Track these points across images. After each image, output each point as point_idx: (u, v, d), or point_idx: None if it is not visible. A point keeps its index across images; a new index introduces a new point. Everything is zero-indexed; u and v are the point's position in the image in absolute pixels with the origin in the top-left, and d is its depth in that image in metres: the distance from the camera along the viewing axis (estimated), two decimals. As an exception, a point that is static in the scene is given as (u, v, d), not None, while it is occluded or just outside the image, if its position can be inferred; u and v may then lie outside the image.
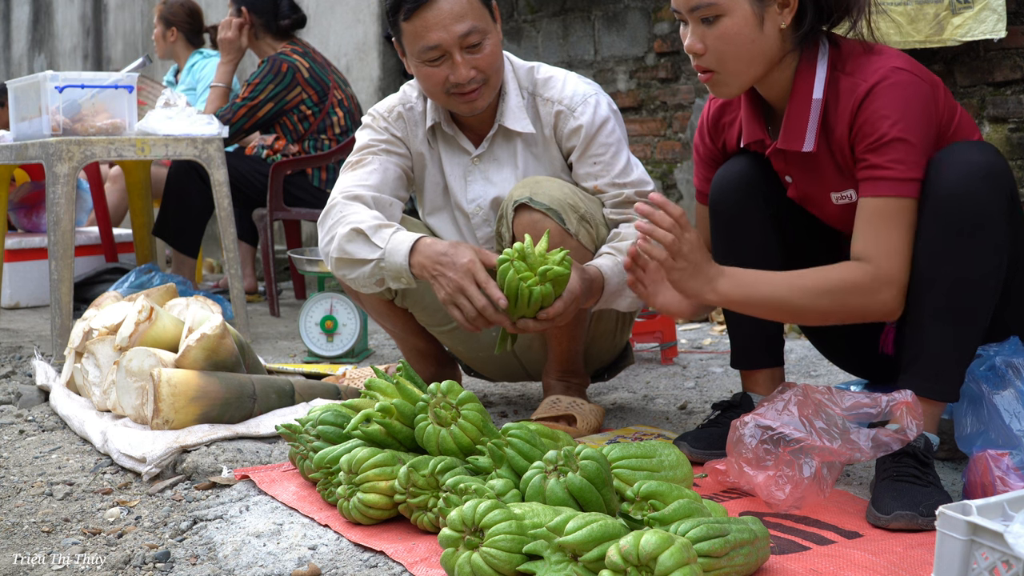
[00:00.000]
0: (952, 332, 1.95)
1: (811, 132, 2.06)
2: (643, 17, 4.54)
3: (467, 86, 2.46)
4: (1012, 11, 3.14)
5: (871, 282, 1.98)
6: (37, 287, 5.19)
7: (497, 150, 2.63)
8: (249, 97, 4.57)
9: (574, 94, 2.57)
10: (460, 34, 2.42)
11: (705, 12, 2.01)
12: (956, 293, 1.93)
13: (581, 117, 2.54)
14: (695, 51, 2.05)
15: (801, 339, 3.55)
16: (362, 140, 2.66)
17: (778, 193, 2.22)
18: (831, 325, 2.27)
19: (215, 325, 2.64)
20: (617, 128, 2.59)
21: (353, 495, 1.92)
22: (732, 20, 2.00)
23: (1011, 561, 1.35)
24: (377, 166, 2.61)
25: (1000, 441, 1.94)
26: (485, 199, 2.64)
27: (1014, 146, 3.24)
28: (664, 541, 1.43)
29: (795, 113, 2.07)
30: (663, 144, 4.52)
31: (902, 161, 1.95)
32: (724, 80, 2.07)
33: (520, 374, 2.88)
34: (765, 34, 2.02)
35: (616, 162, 2.55)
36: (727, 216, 2.23)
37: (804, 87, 2.06)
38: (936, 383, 1.97)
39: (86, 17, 9.60)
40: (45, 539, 2.06)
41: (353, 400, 2.26)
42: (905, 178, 1.95)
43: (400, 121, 2.66)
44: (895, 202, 1.96)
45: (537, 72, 2.62)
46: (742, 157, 2.24)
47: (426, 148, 2.67)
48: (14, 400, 3.16)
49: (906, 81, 1.97)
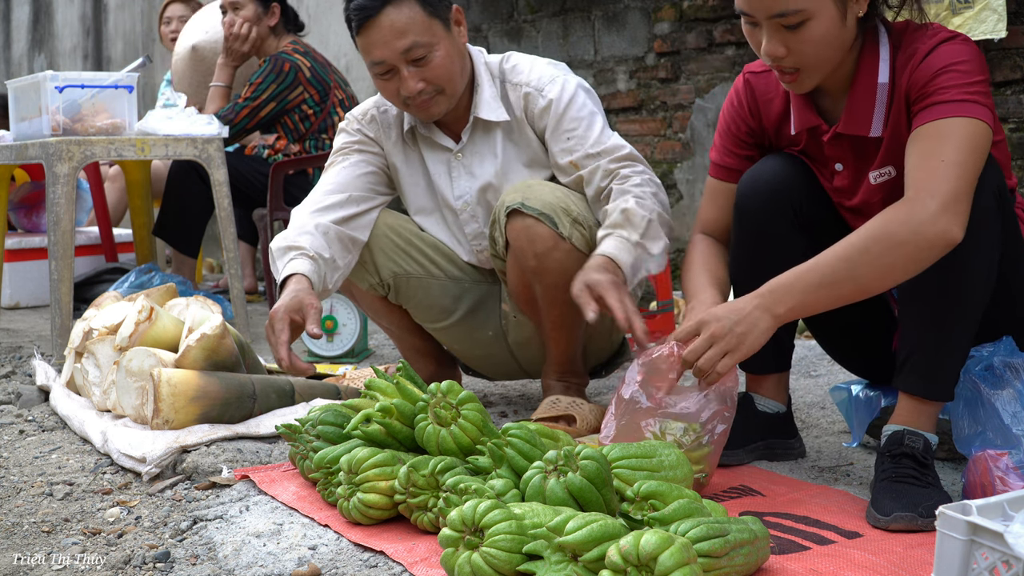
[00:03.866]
0: (945, 331, 1.94)
1: (878, 117, 2.00)
2: (643, 17, 4.54)
3: (418, 97, 2.49)
4: (1012, 11, 3.14)
5: (912, 207, 1.82)
6: (37, 287, 5.19)
7: (478, 143, 2.64)
8: (251, 97, 4.57)
9: (541, 76, 2.58)
10: (401, 50, 2.44)
11: (791, 20, 1.90)
12: (949, 291, 1.91)
13: (549, 94, 2.55)
14: (777, 56, 1.94)
15: (801, 339, 3.55)
16: (337, 143, 2.72)
17: (809, 199, 2.15)
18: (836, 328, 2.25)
19: (215, 325, 2.65)
20: (589, 101, 2.58)
21: (353, 495, 1.92)
22: (819, 22, 1.90)
23: (1011, 561, 1.35)
24: (347, 164, 2.67)
25: (999, 441, 1.94)
26: (471, 194, 2.65)
27: (1014, 146, 3.24)
28: (664, 541, 1.43)
29: (860, 97, 2.01)
30: (663, 144, 4.52)
31: (955, 85, 1.86)
32: (808, 76, 1.98)
33: (517, 372, 2.89)
34: (848, 27, 1.95)
35: (589, 134, 2.53)
36: (755, 221, 2.16)
37: (869, 71, 1.99)
38: (930, 382, 1.96)
39: (86, 17, 9.60)
40: (45, 539, 2.06)
41: (353, 400, 2.26)
42: (959, 99, 1.85)
43: (373, 124, 2.69)
44: (945, 123, 1.85)
45: (506, 62, 2.65)
46: (772, 160, 2.17)
47: (403, 149, 2.69)
48: (14, 400, 3.16)
49: (961, 39, 1.93)
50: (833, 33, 1.93)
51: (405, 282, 2.70)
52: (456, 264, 2.73)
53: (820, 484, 2.15)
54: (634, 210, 2.36)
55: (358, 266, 2.66)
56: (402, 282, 2.70)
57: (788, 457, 2.33)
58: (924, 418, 1.98)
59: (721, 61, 4.27)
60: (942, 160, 1.83)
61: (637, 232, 2.35)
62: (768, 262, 2.06)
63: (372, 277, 2.69)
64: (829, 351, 2.45)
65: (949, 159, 1.83)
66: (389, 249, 2.67)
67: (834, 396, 2.46)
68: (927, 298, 1.93)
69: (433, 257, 2.70)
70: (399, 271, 2.69)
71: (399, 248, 2.68)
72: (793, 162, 2.17)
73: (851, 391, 2.39)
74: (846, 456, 2.37)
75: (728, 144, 2.26)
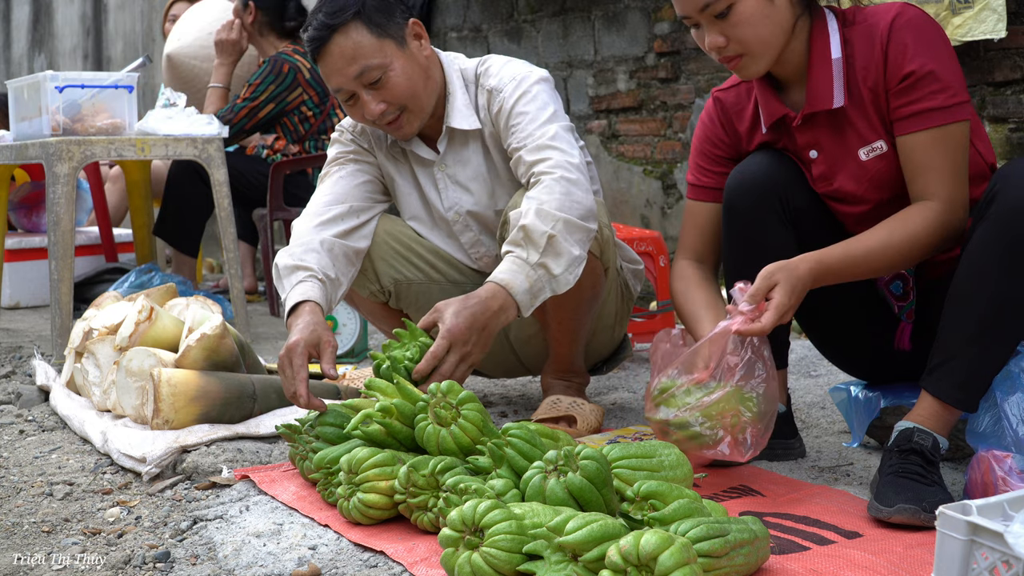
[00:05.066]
0: (989, 348, 1.93)
1: (838, 88, 2.09)
2: (643, 17, 4.54)
3: (383, 118, 2.47)
4: (1012, 11, 3.14)
5: (944, 217, 2.01)
6: (37, 287, 5.19)
7: (458, 152, 2.61)
8: (250, 98, 4.57)
9: (506, 76, 2.54)
10: (353, 76, 2.42)
11: (716, 8, 2.02)
12: (1001, 311, 1.90)
13: (504, 91, 2.52)
14: (718, 46, 2.06)
15: (801, 339, 3.55)
16: (332, 154, 2.68)
17: (795, 193, 2.18)
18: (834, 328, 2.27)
19: (215, 325, 2.64)
20: (542, 95, 2.49)
21: (353, 495, 1.92)
22: (743, 4, 2.02)
23: (1011, 561, 1.35)
24: (344, 174, 2.63)
25: (1010, 447, 1.93)
26: (461, 205, 2.63)
27: (1014, 146, 3.24)
28: (664, 541, 1.43)
29: (818, 75, 2.09)
30: (663, 144, 4.52)
31: (942, 90, 1.99)
32: (752, 60, 2.08)
33: (517, 368, 2.88)
34: (777, 6, 2.05)
35: (530, 126, 2.45)
36: (744, 218, 2.19)
37: (821, 49, 2.09)
38: (961, 392, 1.95)
39: (86, 17, 9.60)
40: (45, 539, 2.06)
41: (353, 400, 2.26)
42: (950, 104, 1.99)
43: (364, 135, 2.67)
44: (944, 130, 2.00)
45: (481, 65, 2.61)
46: (756, 157, 2.21)
47: (394, 162, 2.67)
48: (14, 400, 3.16)
49: (918, 14, 2.03)
50: (762, 11, 2.03)
51: (406, 288, 2.69)
52: (456, 268, 2.72)
53: (820, 484, 2.15)
54: (533, 226, 2.25)
55: (359, 274, 2.65)
56: (403, 288, 2.69)
57: (788, 457, 2.33)
58: (941, 422, 1.97)
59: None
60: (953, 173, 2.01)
61: (536, 251, 2.24)
62: (759, 258, 2.09)
63: (372, 284, 2.68)
64: (823, 351, 2.46)
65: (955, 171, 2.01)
66: (389, 256, 2.66)
67: (834, 396, 2.46)
68: (978, 315, 1.92)
69: (433, 262, 2.69)
70: (400, 278, 2.67)
71: (399, 255, 2.67)
72: (779, 158, 2.20)
73: (851, 391, 2.39)
74: (846, 456, 2.37)
75: (704, 164, 2.31)
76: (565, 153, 2.39)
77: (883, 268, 2.05)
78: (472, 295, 2.21)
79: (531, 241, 2.25)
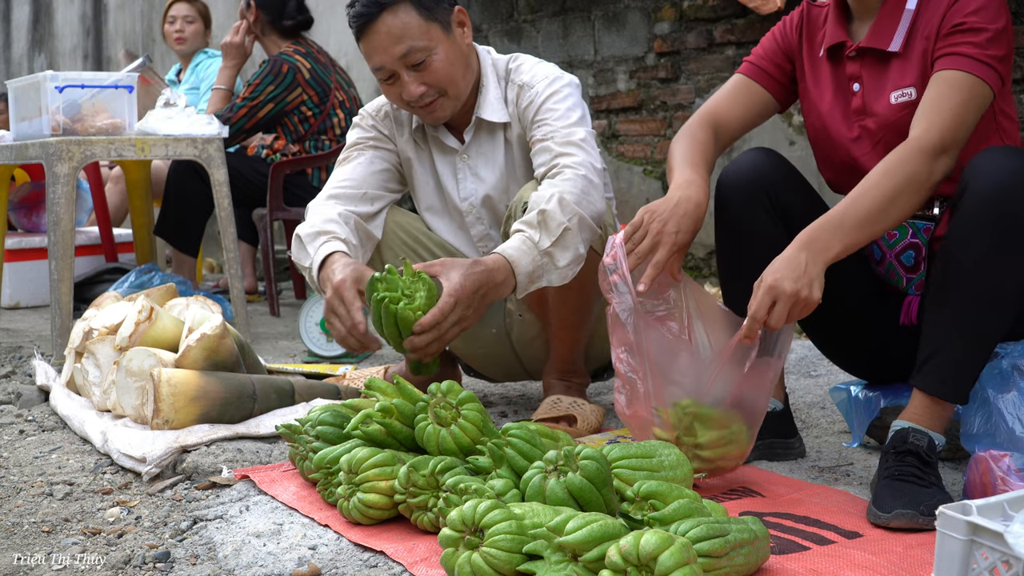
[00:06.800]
0: (974, 337, 1.93)
1: (900, 35, 2.13)
2: (643, 17, 4.54)
3: (421, 100, 2.49)
4: (1012, 11, 3.14)
5: (923, 146, 1.97)
6: (37, 287, 5.19)
7: (483, 144, 2.64)
8: (249, 97, 4.57)
9: (539, 74, 2.58)
10: (399, 55, 2.44)
11: None
12: (985, 299, 1.91)
13: (536, 87, 2.55)
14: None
15: (801, 339, 3.55)
16: (351, 139, 2.72)
17: (785, 190, 2.21)
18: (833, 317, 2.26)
19: (215, 325, 2.65)
20: (571, 98, 2.53)
21: (353, 495, 1.92)
22: None
23: (1011, 561, 1.35)
24: (362, 160, 2.67)
25: (1004, 444, 1.93)
26: (476, 197, 2.65)
27: (1014, 146, 3.24)
28: (664, 541, 1.43)
29: (887, 16, 2.15)
30: (663, 144, 4.52)
31: (979, 45, 2.02)
32: None
33: (520, 373, 2.88)
34: None
35: (559, 122, 2.48)
36: (734, 214, 2.21)
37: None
38: (950, 385, 1.96)
39: (86, 17, 9.61)
40: (45, 539, 2.06)
41: (353, 400, 2.26)
42: (980, 58, 2.01)
43: (387, 120, 2.70)
44: (964, 76, 2.01)
45: (513, 61, 2.65)
46: (747, 155, 2.24)
47: (414, 148, 2.70)
48: (14, 400, 3.16)
49: None
50: None
51: None
52: None
53: (820, 484, 2.15)
54: (552, 213, 2.27)
55: (367, 264, 2.66)
56: None
57: (788, 457, 2.33)
58: (935, 419, 1.98)
59: (721, 61, 4.27)
60: (949, 109, 1.99)
61: (549, 238, 2.27)
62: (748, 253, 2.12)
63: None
64: (821, 350, 2.46)
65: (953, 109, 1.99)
66: (398, 247, 2.69)
67: (834, 396, 2.46)
68: (962, 304, 1.92)
69: (440, 256, 2.70)
70: None
71: (407, 246, 2.69)
72: (769, 155, 2.24)
73: (851, 391, 2.39)
74: (846, 456, 2.37)
75: (771, 53, 2.34)
76: (590, 156, 2.44)
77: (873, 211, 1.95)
78: (479, 261, 2.24)
79: (547, 227, 2.28)
